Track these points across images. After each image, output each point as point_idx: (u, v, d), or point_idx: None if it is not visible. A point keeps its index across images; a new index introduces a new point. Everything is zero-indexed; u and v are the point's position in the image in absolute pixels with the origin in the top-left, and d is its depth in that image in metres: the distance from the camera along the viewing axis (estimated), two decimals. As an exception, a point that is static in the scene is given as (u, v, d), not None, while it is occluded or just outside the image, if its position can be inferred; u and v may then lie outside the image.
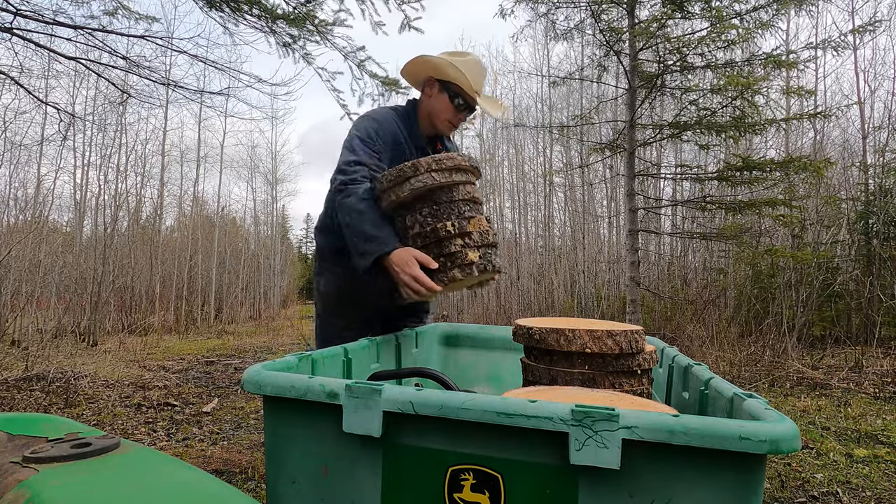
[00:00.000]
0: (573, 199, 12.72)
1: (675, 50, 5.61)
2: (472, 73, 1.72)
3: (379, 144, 1.68)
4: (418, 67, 1.79)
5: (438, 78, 1.75)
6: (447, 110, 1.76)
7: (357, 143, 1.65)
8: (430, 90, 1.78)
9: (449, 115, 1.77)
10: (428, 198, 1.48)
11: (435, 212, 1.47)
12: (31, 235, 8.19)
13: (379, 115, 1.75)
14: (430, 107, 1.78)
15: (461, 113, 1.78)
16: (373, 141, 1.67)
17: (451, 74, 1.71)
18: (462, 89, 1.73)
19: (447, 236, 1.44)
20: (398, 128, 1.75)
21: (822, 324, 6.94)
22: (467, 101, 1.75)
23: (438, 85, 1.75)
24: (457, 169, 1.48)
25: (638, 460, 0.68)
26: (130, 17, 4.13)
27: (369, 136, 1.67)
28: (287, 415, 0.86)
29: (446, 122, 1.78)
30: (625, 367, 1.17)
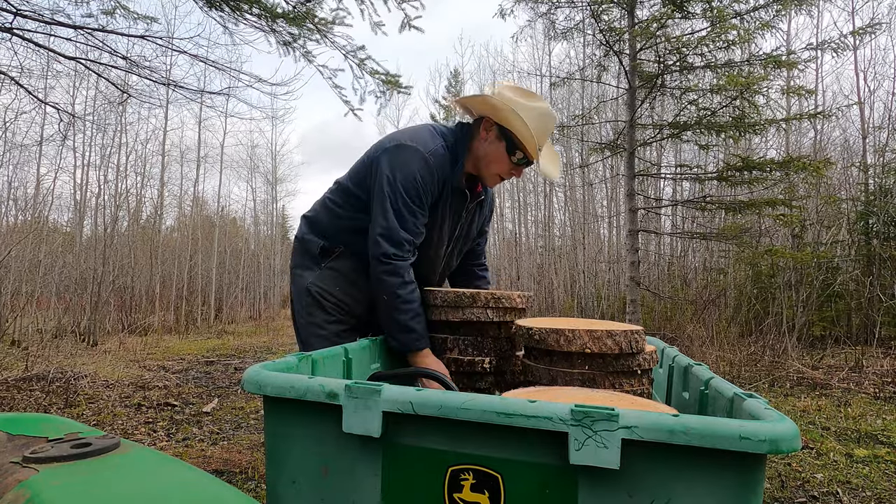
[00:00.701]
0: (573, 199, 12.72)
1: (674, 50, 5.61)
2: (540, 127, 1.48)
3: (426, 203, 1.50)
4: (476, 102, 1.56)
5: (497, 122, 1.51)
6: (501, 162, 1.53)
7: (406, 207, 1.47)
8: (486, 133, 1.54)
9: (501, 169, 1.55)
10: (476, 328, 1.48)
11: (478, 344, 1.47)
12: (31, 235, 8.19)
13: (433, 160, 1.49)
14: (483, 151, 1.55)
15: (517, 168, 1.55)
16: (423, 203, 1.49)
17: (514, 125, 1.47)
18: (524, 144, 1.48)
19: (482, 372, 1.46)
20: (446, 176, 1.54)
21: (822, 324, 6.94)
22: (528, 157, 1.52)
23: (497, 130, 1.51)
24: (512, 309, 1.48)
25: (637, 460, 0.68)
26: (129, 16, 4.13)
27: (420, 197, 1.48)
28: (287, 415, 0.86)
29: (496, 174, 1.57)
30: (624, 367, 1.17)
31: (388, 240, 1.46)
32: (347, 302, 1.67)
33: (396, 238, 1.46)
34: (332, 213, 1.69)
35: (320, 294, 1.66)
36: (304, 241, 1.72)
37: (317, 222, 1.72)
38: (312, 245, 1.68)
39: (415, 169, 1.47)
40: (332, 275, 1.66)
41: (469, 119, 1.64)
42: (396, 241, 1.47)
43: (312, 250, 1.68)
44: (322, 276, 1.67)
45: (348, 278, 1.66)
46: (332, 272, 1.66)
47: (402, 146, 1.51)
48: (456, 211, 1.63)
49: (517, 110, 1.44)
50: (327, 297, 1.65)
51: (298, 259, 1.73)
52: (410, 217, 1.48)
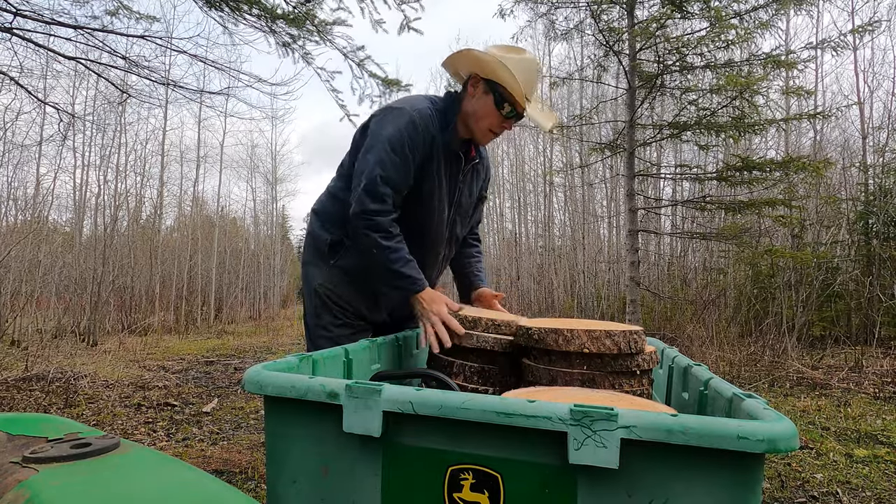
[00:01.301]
0: (573, 199, 12.73)
1: (674, 50, 5.61)
2: (526, 75, 1.47)
3: (411, 159, 1.48)
4: (462, 60, 1.55)
5: (485, 77, 1.51)
6: (490, 116, 1.52)
7: (389, 159, 1.45)
8: (473, 89, 1.53)
9: (492, 123, 1.54)
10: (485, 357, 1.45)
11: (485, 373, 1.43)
12: (31, 235, 8.19)
13: (419, 118, 1.49)
14: (472, 108, 1.54)
15: (507, 121, 1.54)
16: (407, 157, 1.47)
17: (500, 75, 1.46)
18: (512, 95, 1.47)
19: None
20: (433, 133, 1.51)
21: (822, 324, 6.95)
22: (516, 108, 1.50)
23: (483, 85, 1.51)
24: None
25: (636, 459, 0.69)
26: (131, 16, 4.13)
27: (403, 150, 1.46)
28: (287, 415, 0.87)
29: (487, 130, 1.56)
30: (623, 367, 1.17)
31: (369, 194, 1.45)
32: (356, 304, 1.65)
33: (378, 192, 1.45)
34: (336, 200, 1.65)
35: (328, 295, 1.64)
36: (313, 236, 1.70)
37: (323, 213, 1.69)
38: (321, 241, 1.66)
39: (400, 124, 1.47)
40: (340, 274, 1.64)
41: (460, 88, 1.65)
42: (378, 196, 1.45)
43: (321, 247, 1.66)
44: (331, 275, 1.65)
45: (357, 278, 1.64)
46: (341, 271, 1.64)
47: (388, 108, 1.54)
48: (452, 175, 1.62)
49: (505, 62, 1.44)
50: (335, 300, 1.64)
51: (309, 255, 1.72)
52: (392, 169, 1.46)
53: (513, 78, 1.44)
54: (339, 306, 1.65)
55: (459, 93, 1.59)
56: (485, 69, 1.49)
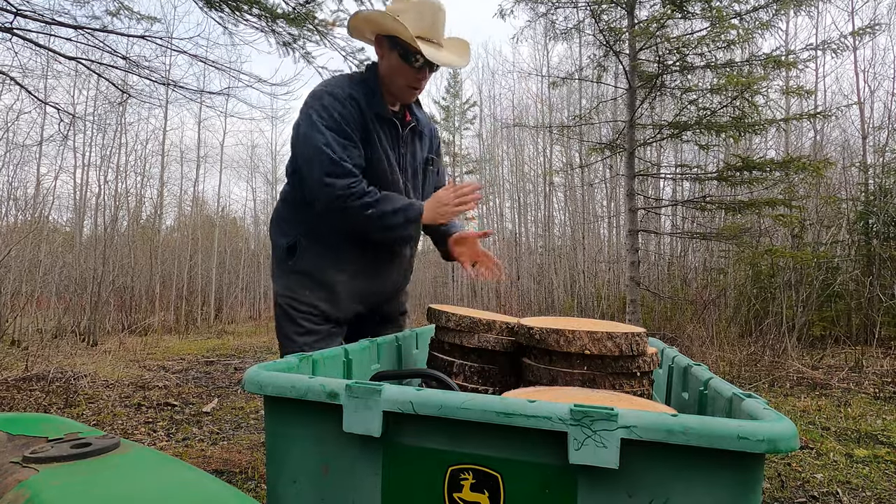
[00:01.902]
0: (573, 199, 12.73)
1: (674, 50, 5.61)
2: (423, 19, 1.40)
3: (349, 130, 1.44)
4: (363, 24, 1.48)
5: (384, 34, 1.45)
6: (403, 71, 1.45)
7: (331, 137, 1.41)
8: (380, 50, 1.48)
9: (407, 78, 1.47)
10: (485, 357, 1.45)
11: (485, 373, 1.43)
12: (31, 235, 8.19)
13: (339, 92, 1.44)
14: (385, 69, 1.48)
15: (420, 72, 1.46)
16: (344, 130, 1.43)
17: (391, 27, 1.39)
18: (408, 43, 1.39)
19: None
20: (359, 102, 1.46)
21: (822, 324, 6.94)
22: (417, 56, 1.41)
23: (387, 42, 1.45)
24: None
25: (636, 460, 0.69)
26: (132, 17, 4.13)
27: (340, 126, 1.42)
28: (288, 415, 0.87)
29: (405, 86, 1.49)
30: (624, 369, 1.16)
31: (336, 176, 1.40)
32: (318, 304, 1.58)
33: (343, 170, 1.41)
34: (287, 203, 1.63)
35: (288, 304, 1.58)
36: (273, 245, 1.65)
37: (278, 219, 1.66)
38: (279, 248, 1.61)
39: (324, 104, 1.43)
40: (298, 277, 1.58)
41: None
42: (345, 172, 1.41)
43: (280, 254, 1.61)
44: (289, 281, 1.59)
45: (315, 277, 1.58)
46: (299, 275, 1.58)
47: (311, 94, 1.48)
48: (393, 142, 1.58)
49: (392, 12, 1.39)
50: (295, 306, 1.58)
51: (272, 267, 1.68)
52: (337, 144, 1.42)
53: (401, 25, 1.37)
54: (301, 312, 1.58)
55: (371, 66, 1.55)
56: (380, 27, 1.44)
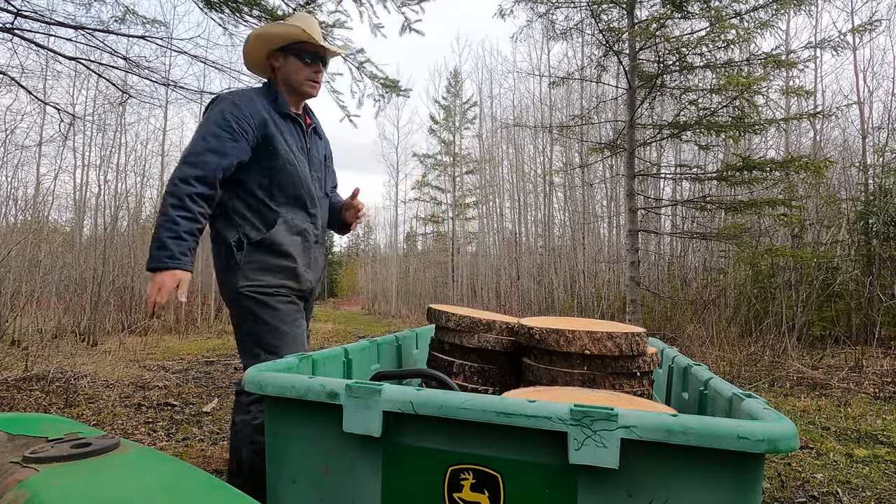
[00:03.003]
0: (573, 199, 12.73)
1: (674, 50, 5.61)
2: (305, 23, 1.73)
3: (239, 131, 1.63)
4: (255, 51, 1.78)
5: (277, 48, 1.75)
6: (301, 70, 1.75)
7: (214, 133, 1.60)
8: (276, 62, 1.77)
9: (306, 75, 1.76)
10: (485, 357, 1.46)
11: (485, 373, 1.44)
12: (31, 235, 8.19)
13: (238, 98, 1.68)
14: (285, 76, 1.77)
15: (314, 65, 1.77)
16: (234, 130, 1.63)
17: (290, 34, 1.71)
18: (306, 43, 1.73)
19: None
20: (261, 106, 1.70)
21: (822, 324, 6.94)
22: (315, 50, 1.76)
23: (280, 54, 1.75)
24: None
25: (636, 460, 0.69)
26: (137, 21, 4.13)
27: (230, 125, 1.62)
28: (288, 415, 0.87)
29: (307, 81, 1.77)
30: (624, 369, 1.16)
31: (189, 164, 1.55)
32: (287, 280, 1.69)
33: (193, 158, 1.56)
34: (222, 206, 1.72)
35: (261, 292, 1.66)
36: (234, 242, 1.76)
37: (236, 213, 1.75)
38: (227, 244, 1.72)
39: (222, 107, 1.64)
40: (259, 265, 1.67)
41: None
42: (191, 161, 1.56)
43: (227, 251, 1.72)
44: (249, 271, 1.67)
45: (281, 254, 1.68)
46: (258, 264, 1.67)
47: (211, 101, 1.71)
48: (298, 139, 1.79)
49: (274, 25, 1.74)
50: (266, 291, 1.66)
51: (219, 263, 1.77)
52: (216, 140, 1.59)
53: (298, 29, 1.70)
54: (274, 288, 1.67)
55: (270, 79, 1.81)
56: (275, 41, 1.74)
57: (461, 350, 1.46)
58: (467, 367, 1.43)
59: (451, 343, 1.46)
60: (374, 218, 29.83)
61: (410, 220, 23.32)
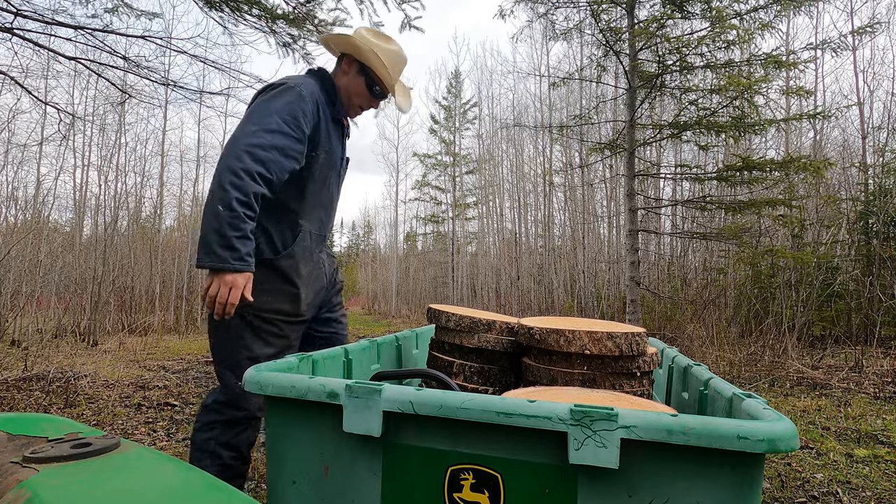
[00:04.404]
0: (573, 199, 12.72)
1: (674, 50, 5.61)
2: (394, 63, 1.66)
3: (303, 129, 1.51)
4: (339, 40, 1.68)
5: (359, 60, 1.65)
6: (362, 95, 1.69)
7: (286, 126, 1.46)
8: (347, 68, 1.67)
9: (363, 101, 1.70)
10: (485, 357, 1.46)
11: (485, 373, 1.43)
12: (31, 235, 8.19)
13: (307, 92, 1.54)
14: (345, 85, 1.68)
15: (374, 100, 1.72)
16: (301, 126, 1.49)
17: (373, 63, 1.63)
18: (382, 80, 1.66)
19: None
20: (320, 105, 1.59)
21: (822, 324, 6.94)
22: (384, 91, 1.69)
23: (357, 66, 1.66)
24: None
25: (637, 459, 0.69)
26: (131, 14, 4.12)
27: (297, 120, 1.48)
28: (288, 415, 0.87)
29: (358, 106, 1.72)
30: (624, 369, 1.16)
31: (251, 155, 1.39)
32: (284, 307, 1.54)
33: (256, 149, 1.40)
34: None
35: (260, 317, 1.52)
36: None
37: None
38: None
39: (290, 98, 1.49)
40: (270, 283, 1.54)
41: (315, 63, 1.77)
42: (254, 153, 1.40)
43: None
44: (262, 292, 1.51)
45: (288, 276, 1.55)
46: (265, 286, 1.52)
47: (274, 85, 1.54)
48: (339, 141, 1.72)
49: (375, 51, 1.62)
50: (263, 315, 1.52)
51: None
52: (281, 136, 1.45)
53: (384, 66, 1.63)
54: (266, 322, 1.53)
55: (334, 70, 1.72)
56: (360, 55, 1.64)
57: (461, 350, 1.46)
58: (467, 367, 1.43)
59: (451, 343, 1.46)
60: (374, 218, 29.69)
61: (410, 220, 23.33)
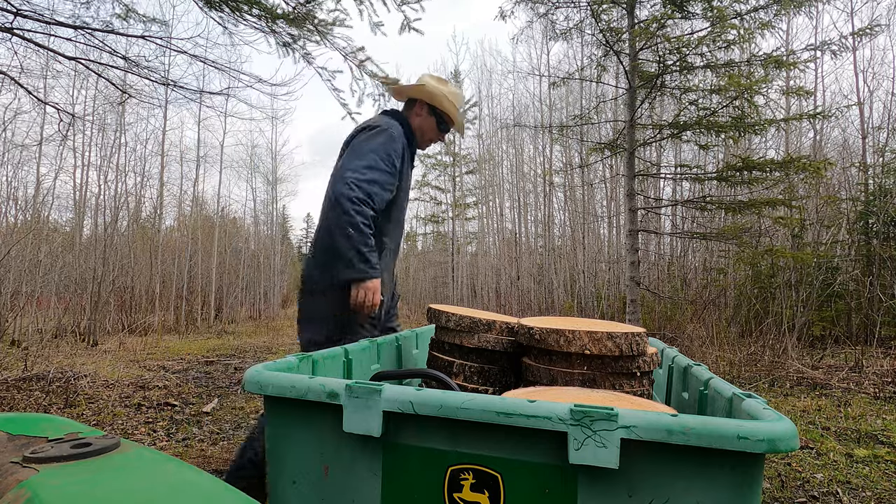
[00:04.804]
0: (573, 199, 12.72)
1: (674, 50, 5.61)
2: (459, 104, 2.04)
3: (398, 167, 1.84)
4: (414, 90, 2.03)
5: (430, 103, 2.01)
6: (433, 131, 2.05)
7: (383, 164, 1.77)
8: (419, 110, 2.02)
9: (433, 136, 2.06)
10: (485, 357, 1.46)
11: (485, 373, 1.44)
12: (31, 235, 8.19)
13: (398, 134, 1.86)
14: (419, 125, 2.02)
15: (441, 134, 2.08)
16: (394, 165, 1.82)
17: (446, 107, 2.00)
18: (452, 119, 2.03)
19: None
20: (405, 145, 1.92)
21: (822, 324, 6.94)
22: (451, 127, 2.08)
23: (427, 108, 2.02)
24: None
25: (637, 459, 0.69)
26: (138, 19, 4.12)
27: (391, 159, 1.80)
28: (288, 415, 0.87)
29: (429, 140, 2.07)
30: (624, 369, 1.16)
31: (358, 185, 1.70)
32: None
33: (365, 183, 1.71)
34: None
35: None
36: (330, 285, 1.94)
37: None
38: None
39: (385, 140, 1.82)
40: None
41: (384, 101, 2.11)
42: (363, 187, 1.71)
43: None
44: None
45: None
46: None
47: (372, 126, 1.87)
48: (411, 170, 2.05)
49: (448, 96, 2.00)
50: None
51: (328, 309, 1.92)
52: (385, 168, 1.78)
53: (454, 108, 2.02)
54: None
55: (404, 111, 2.06)
56: (434, 101, 2.00)
57: (461, 350, 1.46)
58: (467, 367, 1.43)
59: (451, 343, 1.46)
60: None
61: (410, 220, 23.31)
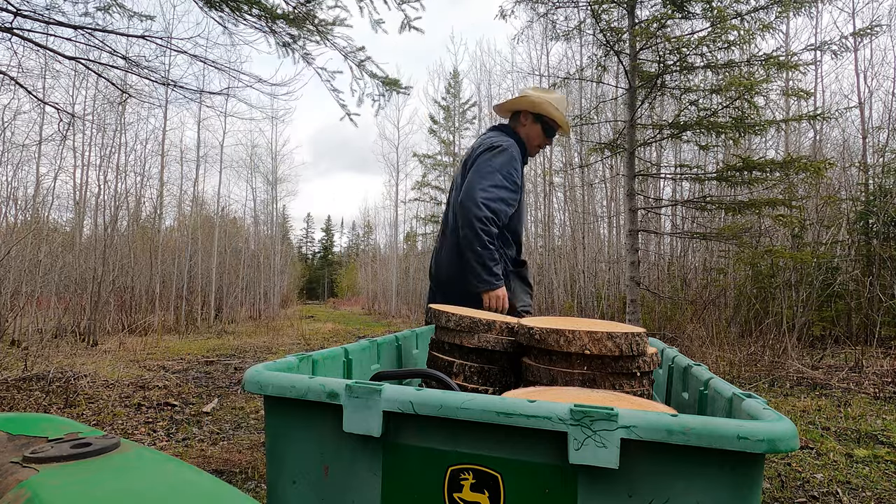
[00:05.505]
0: (573, 199, 12.72)
1: (675, 50, 5.61)
2: (563, 108, 2.12)
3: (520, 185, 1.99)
4: (518, 102, 2.14)
5: (534, 112, 2.13)
6: (539, 137, 2.17)
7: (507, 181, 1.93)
8: (524, 120, 2.15)
9: (540, 142, 2.19)
10: (485, 357, 1.45)
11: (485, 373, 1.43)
12: (31, 235, 8.18)
13: (517, 153, 2.01)
14: (525, 134, 2.16)
15: (548, 140, 2.19)
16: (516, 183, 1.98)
17: (552, 113, 2.10)
18: (558, 124, 2.13)
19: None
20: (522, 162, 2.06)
21: (822, 324, 6.94)
22: (558, 131, 2.17)
23: (532, 117, 2.14)
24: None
25: (636, 460, 0.69)
26: (125, 14, 4.11)
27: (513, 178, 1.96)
28: (287, 415, 0.87)
29: (537, 147, 2.21)
30: (624, 369, 1.16)
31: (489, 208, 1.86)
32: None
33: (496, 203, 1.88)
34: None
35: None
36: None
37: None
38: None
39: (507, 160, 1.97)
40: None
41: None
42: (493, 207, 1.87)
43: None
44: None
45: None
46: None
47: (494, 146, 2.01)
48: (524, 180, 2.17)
49: (552, 102, 2.09)
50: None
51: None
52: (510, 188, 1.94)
53: (560, 114, 2.10)
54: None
55: (511, 124, 2.20)
56: (537, 108, 2.11)
57: (461, 350, 1.46)
58: (467, 367, 1.43)
59: (451, 343, 1.46)
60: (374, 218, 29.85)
61: (410, 220, 23.31)
